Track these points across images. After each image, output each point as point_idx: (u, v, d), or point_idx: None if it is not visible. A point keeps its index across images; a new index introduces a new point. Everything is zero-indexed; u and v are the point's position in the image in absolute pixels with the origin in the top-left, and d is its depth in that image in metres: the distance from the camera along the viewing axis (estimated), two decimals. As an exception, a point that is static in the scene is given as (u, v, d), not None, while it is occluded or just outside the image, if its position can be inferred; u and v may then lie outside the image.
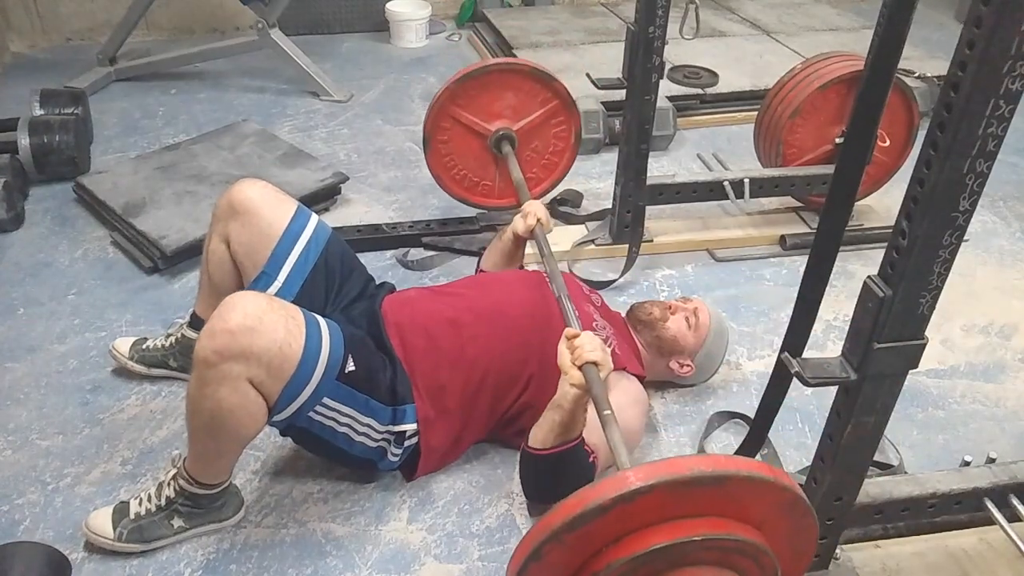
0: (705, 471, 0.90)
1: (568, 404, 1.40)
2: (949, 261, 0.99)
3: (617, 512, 0.90)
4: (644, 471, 0.90)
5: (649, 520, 0.93)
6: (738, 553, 0.97)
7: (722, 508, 0.96)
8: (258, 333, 1.29)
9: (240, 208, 1.64)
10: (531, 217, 1.86)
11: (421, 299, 1.71)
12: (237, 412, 1.33)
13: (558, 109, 2.33)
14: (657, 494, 0.89)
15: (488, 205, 2.45)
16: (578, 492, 0.91)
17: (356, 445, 1.51)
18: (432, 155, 2.31)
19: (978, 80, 0.85)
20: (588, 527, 0.91)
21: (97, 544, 1.48)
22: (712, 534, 0.94)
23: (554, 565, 0.95)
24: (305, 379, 1.36)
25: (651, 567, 0.94)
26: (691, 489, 0.91)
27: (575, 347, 1.41)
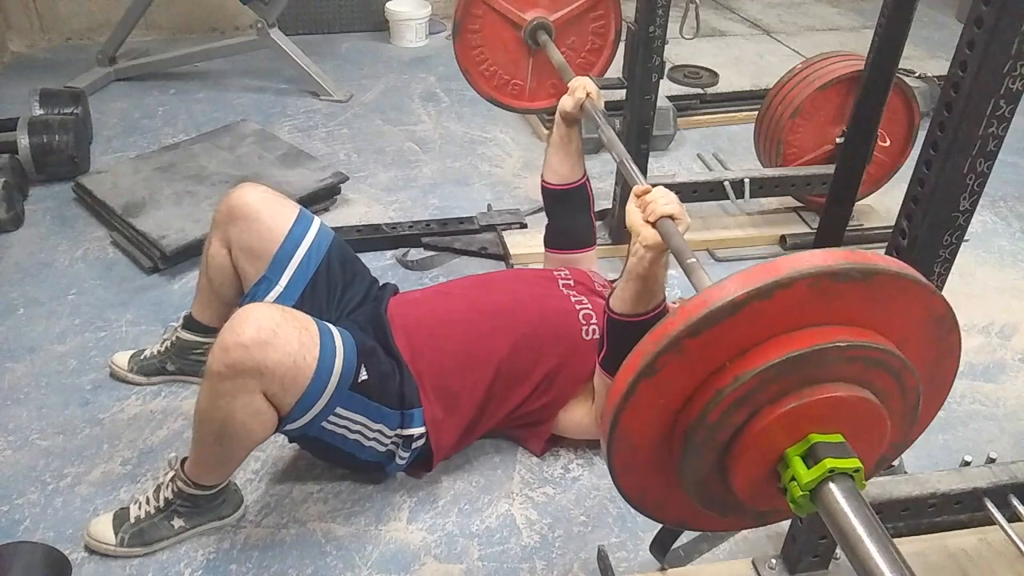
0: (854, 264, 0.77)
1: (645, 269, 1.27)
2: (949, 261, 0.99)
3: (749, 312, 0.76)
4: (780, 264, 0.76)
5: (784, 325, 0.79)
6: (882, 368, 0.83)
7: (866, 315, 0.82)
8: (272, 347, 1.28)
9: (240, 213, 1.63)
10: (580, 91, 1.77)
11: (426, 301, 1.71)
12: (249, 423, 1.33)
13: (598, 1, 2.19)
14: (797, 289, 0.76)
15: (518, 107, 2.34)
16: (701, 292, 0.79)
17: (366, 451, 1.51)
18: (461, 46, 2.19)
19: (978, 80, 0.85)
20: (715, 331, 0.77)
21: (100, 551, 1.48)
22: (857, 341, 0.80)
23: (670, 381, 0.81)
24: (319, 391, 1.35)
25: (783, 382, 0.80)
26: (835, 285, 0.77)
27: (647, 202, 1.28)
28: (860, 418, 0.84)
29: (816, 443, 0.81)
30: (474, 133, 3.12)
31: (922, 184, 0.94)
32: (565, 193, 1.91)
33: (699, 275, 1.12)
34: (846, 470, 0.80)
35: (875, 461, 0.89)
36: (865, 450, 0.83)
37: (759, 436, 0.82)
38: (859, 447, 0.82)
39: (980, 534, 1.44)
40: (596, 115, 1.70)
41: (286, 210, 1.67)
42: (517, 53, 2.23)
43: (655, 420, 0.84)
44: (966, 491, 1.33)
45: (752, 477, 0.85)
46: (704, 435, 0.82)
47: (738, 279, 0.76)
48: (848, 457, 0.80)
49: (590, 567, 1.51)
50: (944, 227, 0.95)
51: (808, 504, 0.81)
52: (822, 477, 0.80)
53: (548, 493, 1.66)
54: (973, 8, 0.84)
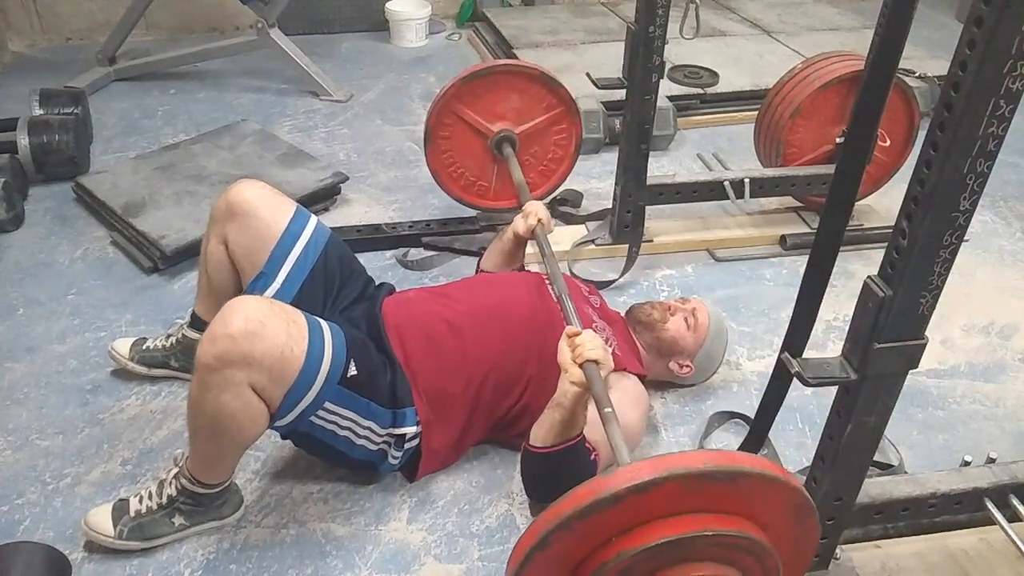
0: (720, 466, 0.90)
1: (568, 402, 1.39)
2: (949, 261, 0.99)
3: (629, 502, 0.90)
4: (658, 463, 0.90)
5: (659, 512, 0.93)
6: (745, 551, 0.98)
7: (732, 505, 0.95)
8: (259, 338, 1.28)
9: (238, 209, 1.64)
10: (532, 217, 1.85)
11: (421, 300, 1.71)
12: (238, 416, 1.33)
13: (562, 116, 2.33)
14: (669, 487, 0.89)
15: (483, 206, 2.45)
16: (590, 481, 0.91)
17: (357, 448, 1.51)
18: (432, 151, 2.31)
19: (979, 80, 0.84)
20: (599, 516, 0.90)
21: (97, 542, 1.48)
22: (722, 530, 0.94)
23: (560, 554, 0.94)
24: (308, 384, 1.36)
25: (659, 559, 0.94)
26: (703, 483, 0.91)
27: (576, 345, 1.39)
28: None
29: None
30: (474, 133, 3.12)
31: (922, 184, 0.94)
32: None
33: (612, 426, 1.24)
34: None
35: None
36: None
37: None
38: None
39: (980, 534, 1.44)
40: (543, 244, 1.80)
41: (283, 207, 1.68)
42: (483, 158, 2.35)
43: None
44: (966, 491, 1.33)
45: None
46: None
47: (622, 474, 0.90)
48: None
49: (590, 567, 1.51)
50: (944, 227, 0.95)
51: None
52: None
53: (548, 493, 1.66)
54: (973, 8, 0.84)
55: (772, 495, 0.96)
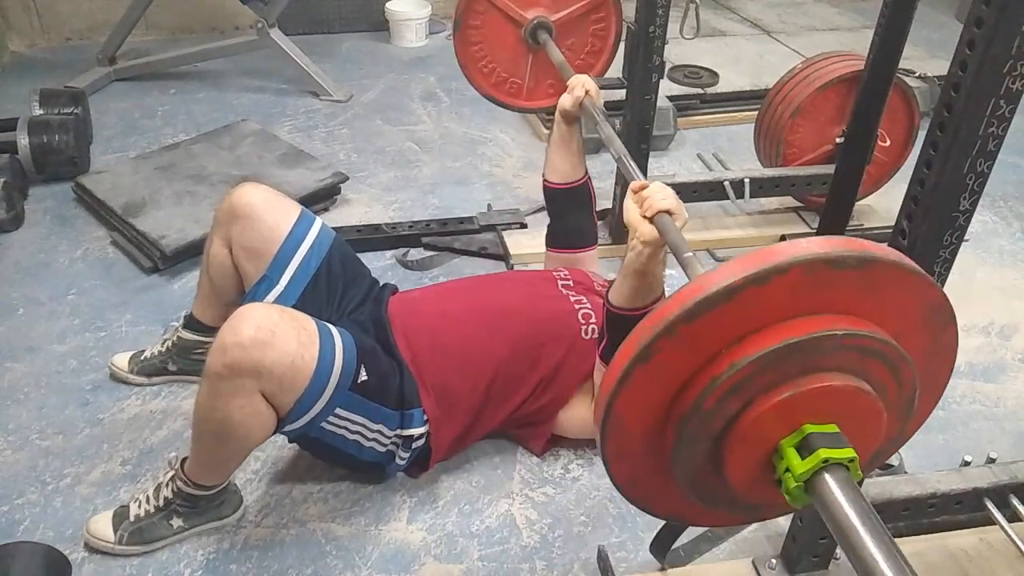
0: (849, 250, 0.76)
1: (642, 265, 1.28)
2: (949, 261, 0.99)
3: (746, 298, 0.75)
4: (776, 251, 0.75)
5: (780, 313, 0.78)
6: (879, 359, 0.82)
7: (862, 305, 0.80)
8: (270, 347, 1.28)
9: (242, 212, 1.63)
10: (579, 88, 1.77)
11: (426, 300, 1.71)
12: (248, 424, 1.33)
13: (601, 3, 2.19)
14: (793, 275, 0.75)
15: (515, 105, 2.34)
16: (696, 279, 0.78)
17: (366, 451, 1.51)
18: (461, 42, 2.19)
19: (979, 80, 0.85)
20: (710, 316, 0.76)
21: (99, 548, 1.48)
22: (854, 330, 0.79)
23: (665, 367, 0.80)
24: (319, 392, 1.35)
25: (779, 370, 0.79)
26: (832, 272, 0.76)
27: (644, 198, 1.28)
28: (856, 410, 0.83)
29: (810, 434, 0.80)
30: (474, 133, 3.12)
31: (922, 184, 0.94)
32: (567, 192, 1.91)
33: (695, 269, 1.12)
34: (841, 460, 0.79)
35: (870, 455, 0.88)
36: (860, 443, 0.82)
37: (753, 426, 0.81)
38: (854, 439, 0.81)
39: (980, 534, 1.44)
40: (595, 113, 1.70)
41: (287, 210, 1.67)
42: (516, 51, 2.22)
43: (649, 407, 0.83)
44: (966, 491, 1.33)
45: (746, 468, 0.84)
46: (698, 424, 0.81)
47: (734, 265, 0.75)
48: (843, 447, 0.79)
49: (590, 567, 1.51)
50: (944, 227, 0.95)
51: (803, 495, 0.80)
52: (816, 467, 0.79)
53: (548, 493, 1.66)
54: (973, 8, 0.84)
55: (906, 294, 0.81)
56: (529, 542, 1.56)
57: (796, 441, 0.81)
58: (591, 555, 1.52)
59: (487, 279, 1.85)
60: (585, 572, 1.51)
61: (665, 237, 1.23)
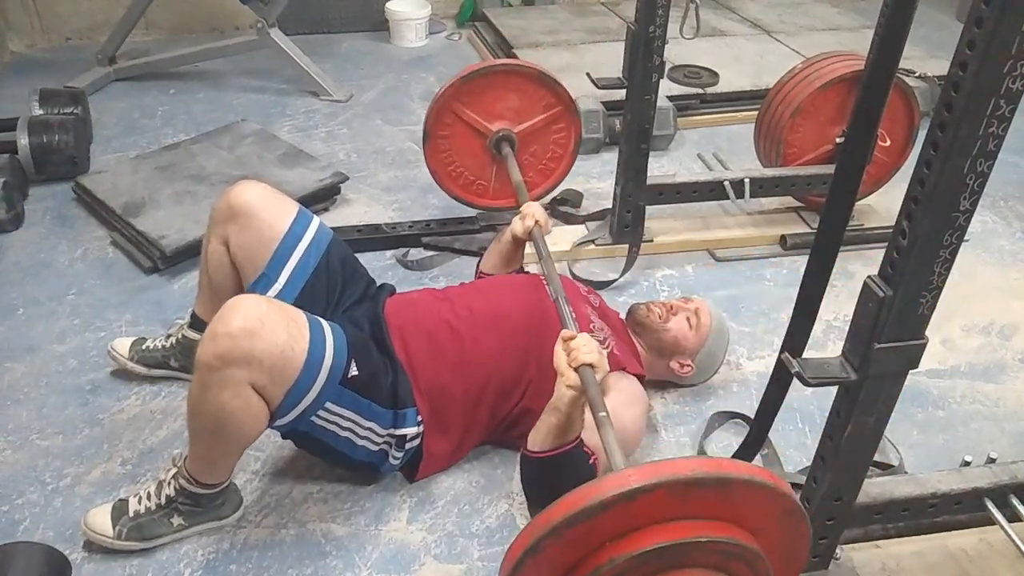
0: (707, 473, 0.90)
1: (564, 406, 1.39)
2: (949, 261, 0.99)
3: (618, 510, 0.89)
4: (646, 471, 0.90)
5: (648, 520, 0.93)
6: (737, 558, 0.97)
7: (721, 512, 0.95)
8: (259, 337, 1.28)
9: (239, 211, 1.63)
10: (529, 219, 1.84)
11: (424, 302, 1.71)
12: (239, 415, 1.32)
13: (561, 115, 2.33)
14: (659, 494, 0.89)
15: (482, 205, 2.45)
16: (579, 489, 0.91)
17: (358, 449, 1.51)
18: (431, 150, 2.31)
19: (979, 80, 0.84)
20: (589, 523, 0.90)
21: (96, 542, 1.48)
22: (715, 537, 0.93)
23: (551, 560, 0.94)
24: (309, 384, 1.35)
25: (651, 566, 0.93)
26: (692, 490, 0.91)
27: (571, 349, 1.39)
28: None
29: None
30: (474, 133, 3.12)
31: (922, 184, 0.94)
32: None
33: (606, 430, 1.23)
34: None
35: None
36: None
37: None
38: None
39: (980, 534, 1.44)
40: (541, 246, 1.79)
41: (285, 208, 1.67)
42: (482, 158, 2.36)
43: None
44: (966, 491, 1.33)
45: None
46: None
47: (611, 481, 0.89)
48: None
49: (590, 567, 1.50)
50: (944, 227, 0.95)
51: None
52: None
53: (548, 493, 1.66)
54: (973, 8, 0.84)
55: (762, 501, 0.96)
56: (529, 542, 1.56)
57: None
58: (591, 555, 1.52)
59: (482, 283, 1.86)
60: (585, 572, 1.50)
61: (586, 390, 1.34)
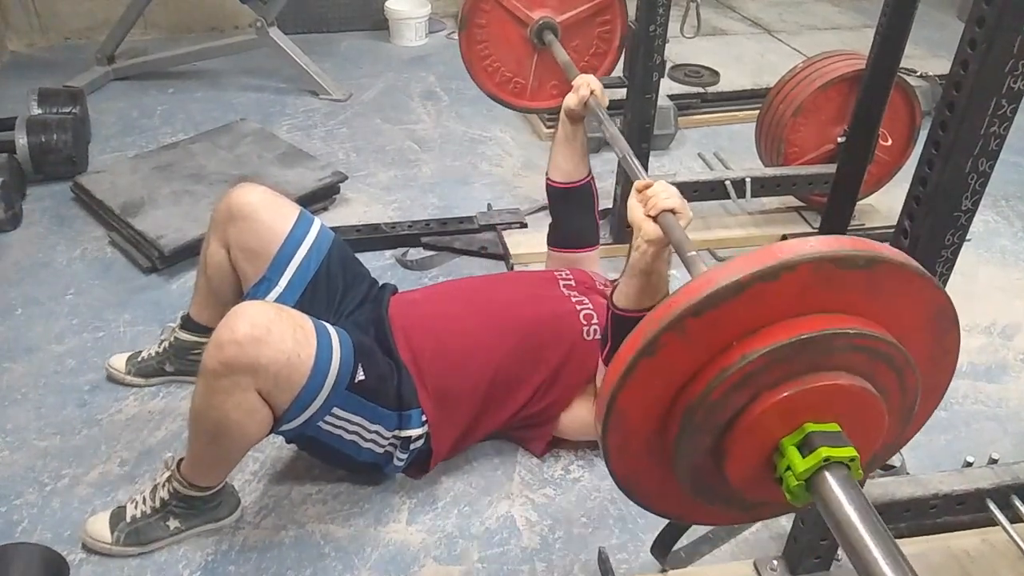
0: (857, 250, 0.76)
1: (647, 264, 1.27)
2: (951, 260, 0.99)
3: (754, 293, 0.75)
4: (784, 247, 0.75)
5: (787, 310, 0.78)
6: (886, 363, 0.81)
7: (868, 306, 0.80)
8: (266, 344, 1.27)
9: (239, 213, 1.62)
10: (584, 88, 1.77)
11: (426, 301, 1.70)
12: (243, 422, 1.32)
13: (607, 6, 2.18)
14: (801, 273, 0.75)
15: (518, 105, 2.33)
16: (703, 274, 0.77)
17: (364, 452, 1.50)
18: (467, 40, 2.19)
19: (980, 79, 0.84)
20: (718, 311, 0.75)
21: (96, 549, 1.48)
22: (867, 331, 0.78)
23: (670, 361, 0.79)
24: (316, 390, 1.35)
25: (788, 365, 0.79)
26: (839, 272, 0.76)
27: (648, 197, 1.28)
28: (858, 410, 0.82)
29: (811, 432, 0.80)
30: (474, 132, 3.12)
31: (924, 183, 0.93)
32: (570, 191, 1.90)
33: (699, 268, 1.11)
34: (842, 459, 0.79)
35: (868, 458, 0.88)
36: (861, 444, 0.81)
37: (757, 422, 0.81)
38: (855, 440, 0.81)
39: (982, 535, 1.44)
40: (600, 112, 1.70)
41: (286, 211, 1.67)
42: (521, 51, 2.22)
43: (653, 400, 0.82)
44: (968, 492, 1.32)
45: (747, 464, 0.84)
46: (703, 415, 0.81)
47: (741, 261, 0.75)
48: (844, 446, 0.79)
49: (591, 569, 1.50)
50: (946, 226, 0.95)
51: (803, 494, 0.80)
52: (818, 466, 0.78)
53: (548, 494, 1.65)
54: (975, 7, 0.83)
55: (912, 296, 0.81)
56: (529, 543, 1.55)
57: (797, 440, 0.81)
58: (592, 556, 1.51)
59: (488, 279, 1.84)
60: (585, 574, 1.50)
61: (669, 236, 1.23)
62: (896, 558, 0.72)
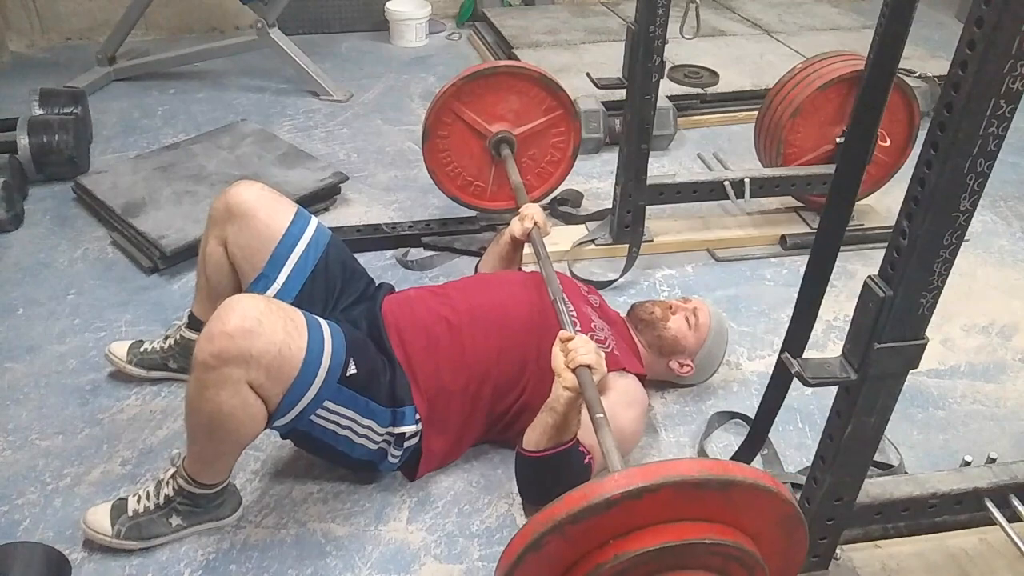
0: (713, 475, 0.91)
1: (561, 407, 1.40)
2: (950, 261, 0.99)
3: (623, 508, 0.89)
4: (652, 470, 0.90)
5: (652, 519, 0.93)
6: (738, 563, 0.97)
7: (724, 514, 0.95)
8: (256, 336, 1.28)
9: (237, 211, 1.63)
10: (528, 220, 1.85)
11: (421, 299, 1.71)
12: (237, 415, 1.32)
13: (560, 119, 2.33)
14: (665, 493, 0.89)
15: (479, 206, 2.44)
16: (583, 486, 0.91)
17: (357, 448, 1.51)
18: (430, 150, 2.30)
19: (979, 80, 0.84)
20: (593, 520, 0.90)
21: (95, 540, 1.48)
22: (720, 539, 0.94)
23: (552, 556, 0.94)
24: (307, 383, 1.35)
25: (654, 564, 0.93)
26: (697, 491, 0.91)
27: (569, 350, 1.40)
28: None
29: None
30: (474, 133, 3.12)
31: (922, 184, 0.94)
32: None
33: (603, 432, 1.23)
34: None
35: None
36: None
37: None
38: None
39: (980, 534, 1.44)
40: (539, 246, 1.79)
41: (283, 208, 1.67)
42: (481, 160, 2.35)
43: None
44: (966, 491, 1.33)
45: None
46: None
47: (617, 478, 0.90)
48: None
49: (590, 567, 1.50)
50: (944, 227, 0.95)
51: None
52: None
53: (548, 493, 1.66)
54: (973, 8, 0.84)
55: (764, 506, 0.96)
56: (529, 542, 1.56)
57: None
58: (591, 555, 1.52)
59: (480, 280, 1.85)
60: (585, 572, 1.50)
61: (583, 392, 1.34)
62: None
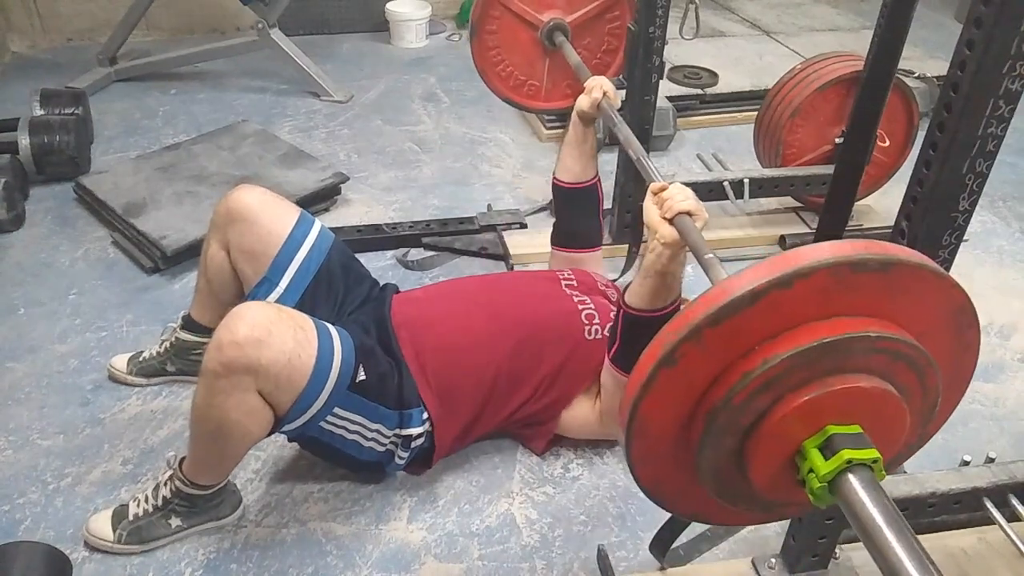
0: (872, 253, 0.76)
1: (663, 266, 1.29)
2: (948, 261, 0.99)
3: (770, 301, 0.75)
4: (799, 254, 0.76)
5: (805, 315, 0.78)
6: (907, 364, 0.81)
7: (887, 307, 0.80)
8: (266, 345, 1.28)
9: (239, 215, 1.63)
10: (597, 90, 1.77)
11: (429, 300, 1.71)
12: (244, 422, 1.32)
13: (615, 2, 2.19)
14: (817, 279, 0.75)
15: (533, 107, 2.35)
16: (718, 284, 0.79)
17: (365, 451, 1.51)
18: (478, 47, 2.19)
19: (978, 80, 0.85)
20: (735, 320, 0.76)
21: (98, 547, 1.49)
22: (888, 334, 0.78)
23: (690, 369, 0.80)
24: (317, 391, 1.35)
25: (810, 369, 0.79)
26: (855, 275, 0.76)
27: (664, 199, 1.29)
28: (880, 412, 0.83)
29: (833, 434, 0.80)
30: (474, 133, 3.12)
31: (921, 184, 0.94)
32: (576, 192, 1.92)
33: (716, 271, 1.12)
34: (864, 461, 0.79)
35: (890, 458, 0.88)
36: (883, 445, 0.82)
37: (779, 425, 0.81)
38: (877, 441, 0.81)
39: (979, 534, 1.45)
40: (612, 114, 1.71)
41: (286, 212, 1.67)
42: (533, 54, 2.23)
43: (675, 408, 0.83)
44: (965, 491, 1.33)
45: (770, 466, 0.85)
46: (726, 419, 0.81)
47: (758, 269, 0.76)
48: (866, 448, 0.79)
49: (590, 566, 1.51)
50: (943, 227, 0.96)
51: (827, 496, 0.81)
52: (840, 468, 0.79)
53: (548, 493, 1.66)
54: (972, 8, 0.84)
55: (930, 296, 0.81)
56: (529, 541, 1.56)
57: (820, 442, 0.81)
58: (591, 554, 1.52)
59: (490, 278, 1.85)
60: (585, 571, 1.51)
61: (686, 239, 1.24)
62: (921, 559, 0.72)
